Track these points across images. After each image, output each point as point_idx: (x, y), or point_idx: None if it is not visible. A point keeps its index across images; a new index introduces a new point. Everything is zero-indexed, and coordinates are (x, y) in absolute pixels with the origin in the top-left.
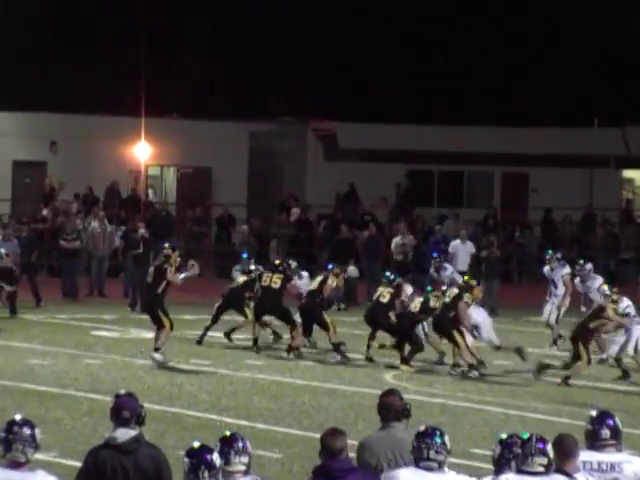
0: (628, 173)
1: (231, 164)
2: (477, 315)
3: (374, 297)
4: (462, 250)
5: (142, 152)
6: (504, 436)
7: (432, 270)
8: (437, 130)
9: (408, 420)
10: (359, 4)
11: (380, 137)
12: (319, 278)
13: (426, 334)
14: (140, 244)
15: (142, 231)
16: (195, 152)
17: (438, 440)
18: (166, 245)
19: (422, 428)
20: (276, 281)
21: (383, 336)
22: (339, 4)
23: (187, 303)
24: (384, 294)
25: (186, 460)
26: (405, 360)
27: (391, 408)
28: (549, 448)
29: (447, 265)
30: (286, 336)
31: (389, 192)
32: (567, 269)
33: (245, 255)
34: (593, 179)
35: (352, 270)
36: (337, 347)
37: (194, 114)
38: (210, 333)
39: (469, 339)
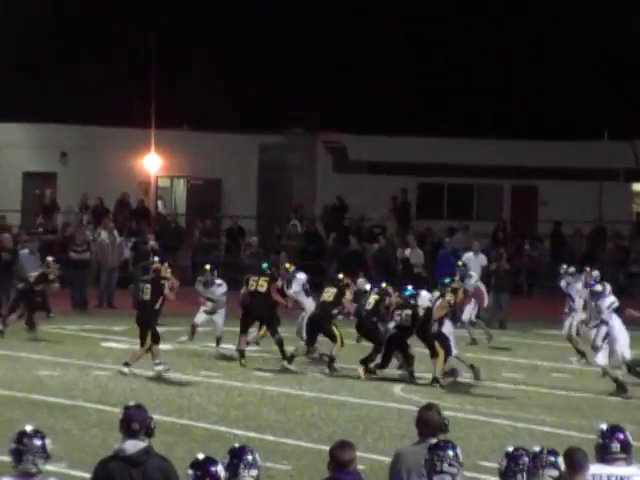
0: (638, 186)
1: (241, 176)
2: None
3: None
4: (474, 262)
5: (152, 164)
6: (511, 449)
7: (457, 278)
8: (447, 143)
9: (445, 435)
10: (370, 19)
11: (390, 149)
12: (333, 290)
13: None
14: (150, 255)
15: (152, 242)
16: (205, 164)
17: (451, 453)
18: (155, 259)
19: (434, 441)
20: (262, 284)
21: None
22: (350, 19)
23: (193, 315)
24: (370, 301)
25: (190, 472)
26: (367, 365)
27: (429, 423)
28: (560, 461)
29: (472, 273)
30: (290, 348)
31: (397, 205)
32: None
33: (209, 266)
34: (603, 192)
35: (361, 282)
36: (332, 361)
37: (204, 126)
38: (219, 345)
39: (454, 350)
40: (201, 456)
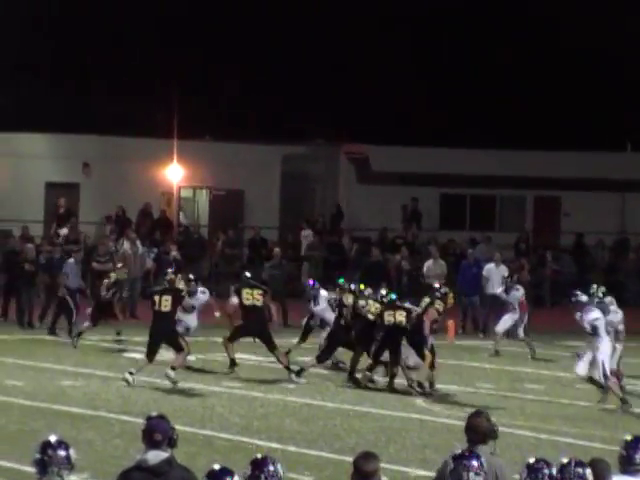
0: None
1: (263, 187)
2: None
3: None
4: (495, 273)
5: (174, 174)
6: (532, 460)
7: (501, 290)
8: (469, 154)
9: (495, 442)
10: (395, 30)
11: (413, 160)
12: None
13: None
14: (172, 266)
15: (174, 253)
16: (227, 174)
17: (475, 462)
18: (168, 270)
19: (458, 451)
20: (258, 298)
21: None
22: (375, 28)
23: (218, 325)
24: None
25: None
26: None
27: (478, 430)
28: (588, 472)
29: (519, 287)
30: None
31: (422, 215)
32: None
33: (192, 276)
34: (625, 203)
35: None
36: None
37: (226, 136)
38: (241, 355)
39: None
40: (217, 466)
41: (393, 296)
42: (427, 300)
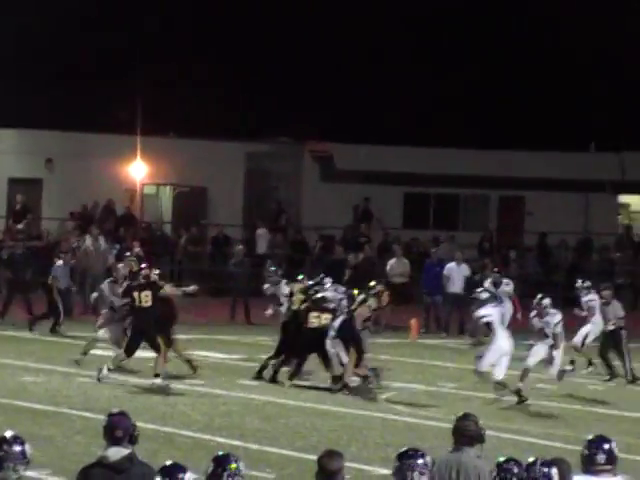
0: (624, 198)
1: (227, 184)
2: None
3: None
4: (457, 272)
5: (138, 171)
6: (502, 459)
7: (489, 284)
8: (433, 153)
9: (482, 445)
10: (356, 27)
11: (377, 159)
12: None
13: None
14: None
15: (137, 250)
16: (191, 171)
17: (421, 461)
18: (142, 266)
19: (404, 449)
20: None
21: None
22: (336, 27)
23: (180, 323)
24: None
25: (158, 479)
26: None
27: (465, 432)
28: (554, 472)
29: (508, 281)
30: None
31: (385, 214)
32: (591, 296)
33: None
34: (589, 204)
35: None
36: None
37: (191, 133)
38: (205, 353)
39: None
40: (170, 462)
41: (319, 296)
42: (361, 297)
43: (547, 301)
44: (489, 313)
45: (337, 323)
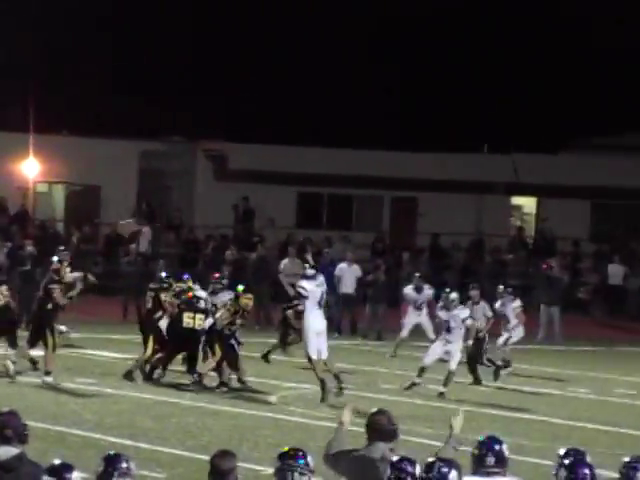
0: (517, 200)
1: (120, 183)
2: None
3: None
4: (348, 273)
5: (30, 169)
6: (395, 458)
7: (411, 289)
8: (327, 153)
9: (395, 442)
10: (252, 26)
11: (271, 159)
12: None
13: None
14: (27, 261)
15: (30, 248)
16: (84, 170)
17: (302, 461)
18: (53, 259)
19: (285, 450)
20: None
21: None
22: (231, 26)
23: (71, 320)
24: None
25: (46, 478)
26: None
27: (376, 427)
28: (453, 474)
29: (429, 286)
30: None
31: (278, 214)
32: (518, 302)
33: None
34: (482, 205)
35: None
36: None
37: (84, 132)
38: (96, 352)
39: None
40: (57, 461)
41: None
42: (225, 300)
43: (454, 295)
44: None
45: (207, 324)
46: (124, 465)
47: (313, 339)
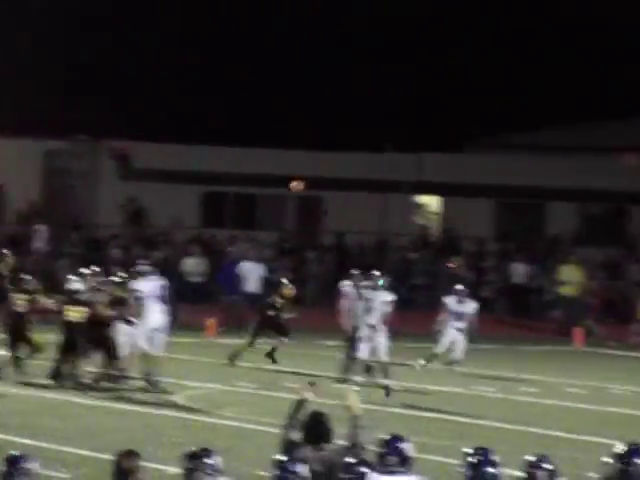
0: (422, 198)
1: (24, 182)
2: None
3: None
4: (252, 272)
5: None
6: (283, 459)
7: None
8: (232, 152)
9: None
10: (170, 27)
11: (175, 158)
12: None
13: None
14: None
15: None
16: None
17: (208, 461)
18: None
19: (192, 450)
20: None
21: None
22: (134, 24)
23: None
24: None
25: None
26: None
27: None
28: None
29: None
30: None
31: (183, 213)
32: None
33: None
34: (386, 204)
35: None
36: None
37: None
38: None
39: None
40: None
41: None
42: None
43: (382, 282)
44: None
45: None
46: (27, 465)
47: (148, 334)
